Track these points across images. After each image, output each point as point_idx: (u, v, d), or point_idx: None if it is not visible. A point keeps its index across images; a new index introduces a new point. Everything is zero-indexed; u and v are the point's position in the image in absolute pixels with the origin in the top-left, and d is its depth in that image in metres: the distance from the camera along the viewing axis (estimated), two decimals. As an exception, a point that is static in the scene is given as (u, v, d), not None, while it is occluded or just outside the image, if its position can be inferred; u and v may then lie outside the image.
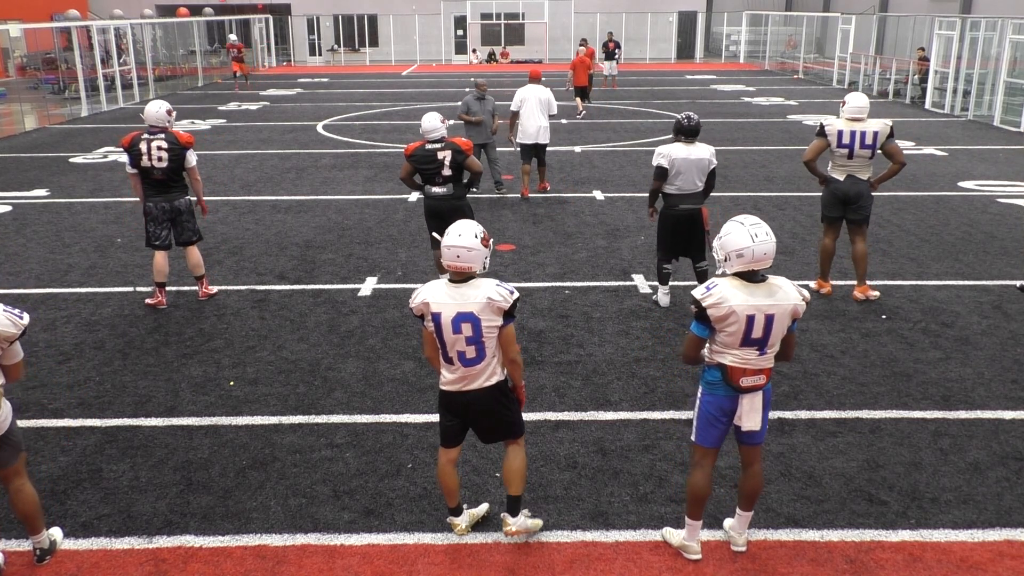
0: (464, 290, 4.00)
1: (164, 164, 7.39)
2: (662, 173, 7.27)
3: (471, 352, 4.02)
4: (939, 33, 21.76)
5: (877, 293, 7.81)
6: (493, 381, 4.11)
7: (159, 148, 7.36)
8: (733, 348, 3.90)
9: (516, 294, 4.05)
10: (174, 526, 4.48)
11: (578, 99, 20.52)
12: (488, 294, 3.97)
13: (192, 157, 7.55)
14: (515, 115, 11.70)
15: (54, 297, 8.03)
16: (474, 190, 8.55)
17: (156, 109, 7.51)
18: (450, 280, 4.04)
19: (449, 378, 4.14)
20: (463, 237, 4.00)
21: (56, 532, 4.35)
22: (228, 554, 4.26)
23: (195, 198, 7.82)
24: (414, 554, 4.25)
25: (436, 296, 4.02)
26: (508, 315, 4.01)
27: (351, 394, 5.99)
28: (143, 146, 7.36)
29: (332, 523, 4.50)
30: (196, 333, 7.12)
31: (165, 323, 7.35)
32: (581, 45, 24.53)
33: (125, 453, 5.22)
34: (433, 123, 7.54)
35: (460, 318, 3.97)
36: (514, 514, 4.28)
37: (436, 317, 4.00)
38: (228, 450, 5.24)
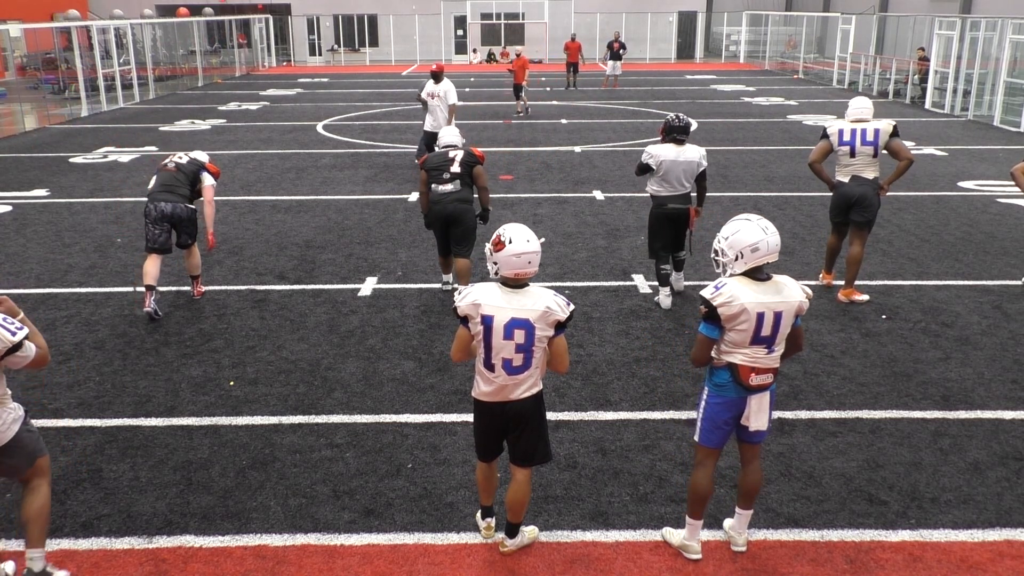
0: (520, 297, 3.92)
1: (184, 160, 7.73)
2: (644, 168, 7.52)
3: (518, 360, 3.94)
4: (939, 33, 21.77)
5: (866, 297, 7.73)
6: (534, 391, 4.05)
7: (183, 155, 7.84)
8: (743, 347, 3.90)
9: (572, 306, 3.99)
10: (174, 526, 4.48)
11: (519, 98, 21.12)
12: (547, 303, 3.90)
13: (207, 178, 7.70)
14: None
15: (54, 297, 8.03)
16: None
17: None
18: (505, 285, 3.96)
19: (486, 389, 4.05)
20: (531, 243, 3.95)
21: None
22: (228, 554, 4.26)
23: (194, 206, 7.70)
24: (414, 554, 4.25)
25: (490, 299, 3.92)
26: (560, 327, 3.95)
27: (351, 394, 5.99)
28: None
29: (332, 523, 4.50)
30: (196, 333, 7.12)
31: (165, 323, 7.35)
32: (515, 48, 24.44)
33: (125, 453, 5.22)
34: (451, 132, 7.94)
35: (514, 324, 3.88)
36: (512, 536, 4.27)
37: (487, 320, 3.90)
38: (228, 450, 5.24)
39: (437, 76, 13.05)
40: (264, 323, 7.33)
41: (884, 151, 7.44)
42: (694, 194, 7.62)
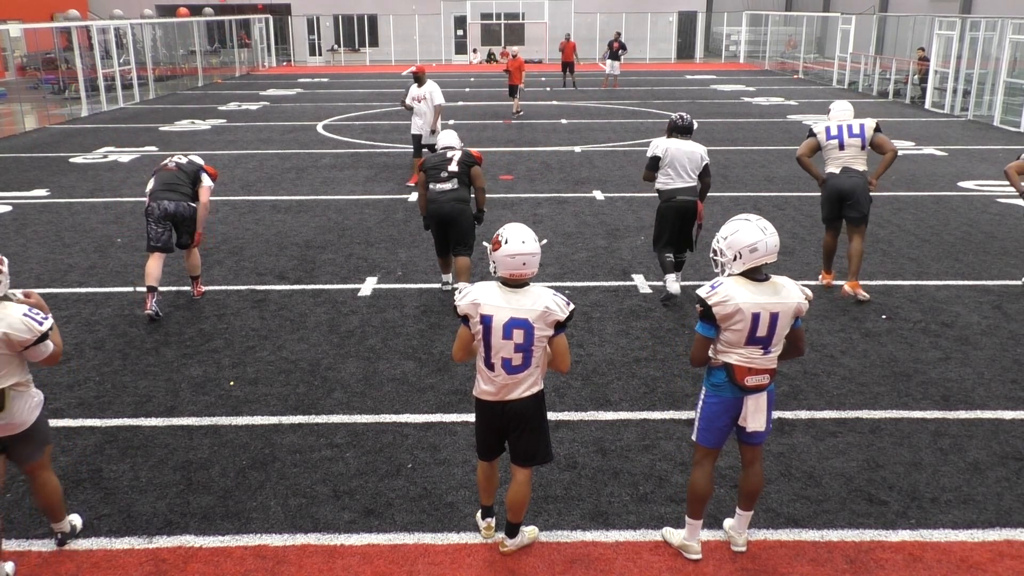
0: (520, 296, 3.92)
1: (184, 160, 7.78)
2: (654, 163, 7.58)
3: (517, 360, 3.94)
4: (939, 33, 21.76)
5: (867, 295, 7.77)
6: (535, 391, 4.04)
7: (181, 156, 7.86)
8: (738, 347, 3.91)
9: (572, 306, 3.98)
10: (174, 526, 4.48)
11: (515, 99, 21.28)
12: (546, 303, 3.89)
13: (206, 179, 7.71)
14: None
15: (54, 297, 8.02)
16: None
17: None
18: (505, 285, 3.96)
19: (487, 388, 4.05)
20: (527, 244, 3.94)
21: (75, 518, 4.45)
22: (228, 554, 4.26)
23: (196, 204, 7.69)
24: (414, 554, 4.25)
25: (489, 298, 3.92)
26: (560, 326, 3.95)
27: (351, 394, 5.99)
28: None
29: (332, 523, 4.50)
30: (196, 333, 7.12)
31: (165, 323, 7.35)
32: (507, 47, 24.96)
33: (125, 453, 5.22)
34: (449, 135, 7.98)
35: (513, 324, 3.88)
36: (513, 536, 4.27)
37: (487, 320, 3.90)
38: (228, 450, 5.24)
39: (419, 79, 12.74)
40: (264, 323, 7.33)
41: (871, 148, 7.55)
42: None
